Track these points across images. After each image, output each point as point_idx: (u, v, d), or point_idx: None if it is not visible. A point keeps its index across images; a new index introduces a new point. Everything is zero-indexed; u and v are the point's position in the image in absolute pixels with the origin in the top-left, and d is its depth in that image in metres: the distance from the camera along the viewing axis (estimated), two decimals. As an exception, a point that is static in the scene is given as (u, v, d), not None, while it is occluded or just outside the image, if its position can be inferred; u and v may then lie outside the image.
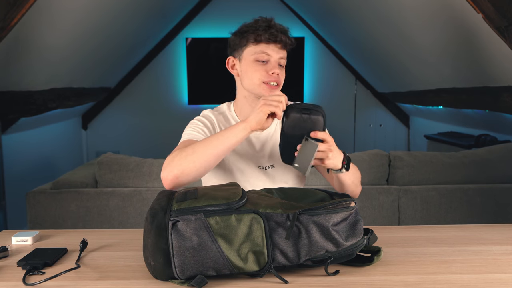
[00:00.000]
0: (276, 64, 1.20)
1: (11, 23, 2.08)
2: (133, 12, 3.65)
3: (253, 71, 1.20)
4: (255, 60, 1.20)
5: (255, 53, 1.20)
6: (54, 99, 3.41)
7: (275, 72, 1.19)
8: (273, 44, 1.19)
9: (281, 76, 1.22)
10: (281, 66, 1.22)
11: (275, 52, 1.19)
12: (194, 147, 1.06)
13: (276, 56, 1.20)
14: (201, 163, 1.04)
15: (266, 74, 1.19)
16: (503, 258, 0.99)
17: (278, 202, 0.90)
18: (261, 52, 1.19)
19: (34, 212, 2.30)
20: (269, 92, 1.19)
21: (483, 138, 3.20)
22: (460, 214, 2.30)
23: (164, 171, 1.04)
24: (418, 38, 3.04)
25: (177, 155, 1.05)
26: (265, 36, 1.18)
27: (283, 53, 1.21)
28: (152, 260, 0.85)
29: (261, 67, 1.20)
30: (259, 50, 1.19)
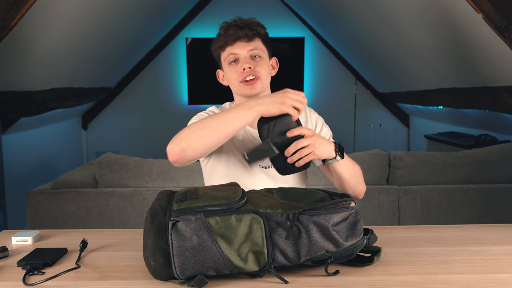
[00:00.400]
0: (245, 59, 1.20)
1: (11, 23, 2.08)
2: (133, 12, 3.65)
3: (230, 75, 1.23)
4: (228, 64, 1.22)
5: (226, 57, 1.22)
6: (54, 99, 3.41)
7: (246, 67, 1.19)
8: (236, 42, 1.20)
9: (257, 67, 1.21)
10: (256, 57, 1.21)
11: (241, 48, 1.20)
12: (204, 122, 1.04)
13: (244, 51, 1.20)
14: (211, 139, 1.04)
15: (239, 73, 1.20)
16: (503, 258, 0.99)
17: (278, 202, 0.90)
18: (229, 54, 1.21)
19: (34, 212, 2.30)
20: (250, 90, 1.20)
21: (483, 138, 3.20)
22: (460, 214, 2.30)
23: (170, 144, 1.03)
24: (418, 38, 3.04)
25: (186, 129, 1.05)
26: (225, 39, 1.20)
27: (253, 45, 1.21)
28: (152, 260, 0.85)
29: (234, 68, 1.22)
30: (227, 54, 1.22)
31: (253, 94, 1.21)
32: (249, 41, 1.20)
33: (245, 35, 1.19)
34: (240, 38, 1.19)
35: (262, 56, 1.23)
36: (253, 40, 1.21)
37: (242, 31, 1.19)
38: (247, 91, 1.21)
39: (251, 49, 1.20)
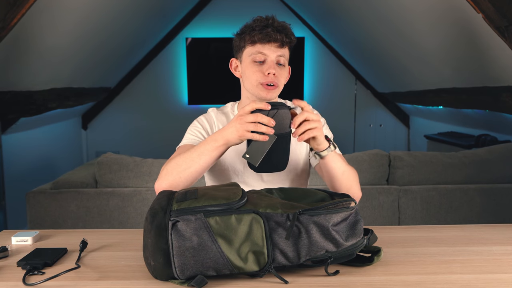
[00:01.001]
0: (272, 64, 1.18)
1: (11, 23, 2.08)
2: (133, 12, 3.65)
3: (251, 73, 1.20)
4: (253, 61, 1.20)
5: (252, 54, 1.19)
6: (54, 99, 3.41)
7: (271, 72, 1.17)
8: (269, 44, 1.18)
9: (280, 76, 1.20)
10: (280, 65, 1.20)
11: (272, 52, 1.18)
12: (179, 161, 1.08)
13: (273, 55, 1.18)
14: (190, 173, 1.07)
15: (263, 75, 1.18)
16: (503, 258, 0.99)
17: (278, 202, 0.90)
18: (257, 53, 1.19)
19: (34, 212, 2.30)
20: (266, 93, 1.19)
21: (483, 138, 3.20)
22: (460, 214, 2.30)
23: (156, 182, 1.09)
24: (418, 38, 3.04)
25: (165, 168, 1.09)
26: (260, 36, 1.17)
27: (282, 52, 1.19)
28: (152, 260, 0.85)
29: (258, 68, 1.19)
30: (255, 51, 1.19)
31: (268, 98, 1.21)
32: (281, 47, 1.19)
33: (280, 40, 1.17)
34: (275, 41, 1.17)
35: (285, 65, 1.22)
36: (284, 47, 1.20)
37: (279, 35, 1.17)
38: (264, 94, 1.19)
39: (279, 55, 1.19)
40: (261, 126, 0.96)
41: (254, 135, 0.97)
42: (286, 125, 1.00)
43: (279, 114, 0.99)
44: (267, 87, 1.19)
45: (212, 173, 1.29)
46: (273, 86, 1.19)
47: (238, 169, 1.26)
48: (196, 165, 1.06)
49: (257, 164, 0.98)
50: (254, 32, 1.18)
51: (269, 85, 1.19)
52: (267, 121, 0.96)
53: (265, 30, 1.17)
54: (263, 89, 1.19)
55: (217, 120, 1.30)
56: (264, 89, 1.19)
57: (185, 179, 1.08)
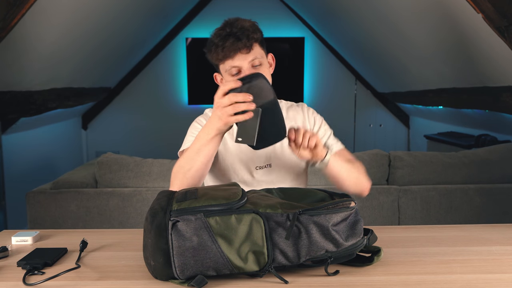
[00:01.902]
0: (248, 70, 1.16)
1: (11, 23, 2.08)
2: (133, 12, 3.65)
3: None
4: (230, 75, 1.19)
5: (226, 70, 1.19)
6: (54, 99, 3.41)
7: None
8: (236, 55, 1.15)
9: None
10: (257, 66, 1.18)
11: (242, 60, 1.16)
12: (181, 163, 1.10)
13: (245, 62, 1.16)
14: (191, 176, 1.10)
15: None
16: (503, 258, 0.99)
17: (278, 202, 0.90)
18: (230, 68, 1.17)
19: (34, 212, 2.30)
20: None
21: (483, 138, 3.20)
22: (460, 214, 2.30)
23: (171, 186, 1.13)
24: (418, 38, 3.04)
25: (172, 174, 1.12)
26: (224, 53, 1.15)
27: (252, 54, 1.16)
28: (152, 260, 0.85)
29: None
30: (228, 67, 1.17)
31: None
32: (248, 51, 1.16)
33: (244, 46, 1.15)
34: (240, 50, 1.15)
35: (262, 62, 1.20)
36: (252, 49, 1.17)
37: (241, 43, 1.14)
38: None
39: (251, 59, 1.17)
40: (239, 105, 0.93)
41: (238, 117, 0.94)
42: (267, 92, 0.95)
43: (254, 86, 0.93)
44: None
45: (213, 174, 1.29)
46: None
47: (238, 169, 1.26)
48: (198, 162, 1.08)
49: (254, 143, 0.93)
50: (218, 49, 1.16)
51: None
52: (242, 98, 0.93)
53: (226, 43, 1.14)
54: None
55: None
56: None
57: (192, 179, 1.10)
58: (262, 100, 0.94)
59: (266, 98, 0.94)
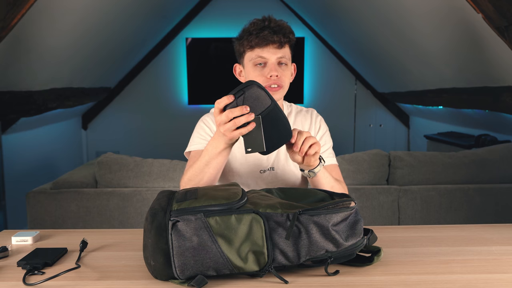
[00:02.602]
0: (274, 66, 1.19)
1: (11, 23, 2.08)
2: (133, 12, 3.65)
3: (254, 77, 1.21)
4: (254, 65, 1.20)
5: (252, 58, 1.20)
6: (54, 99, 3.41)
7: (273, 75, 1.18)
8: (267, 46, 1.18)
9: (283, 76, 1.21)
10: (282, 65, 1.21)
11: (271, 53, 1.18)
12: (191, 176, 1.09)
13: (273, 57, 1.19)
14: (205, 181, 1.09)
15: (265, 78, 1.19)
16: (503, 258, 0.99)
17: (278, 202, 0.90)
18: (257, 57, 1.19)
19: (34, 212, 2.30)
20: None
21: (483, 138, 3.20)
22: (460, 214, 2.30)
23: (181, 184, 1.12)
24: (418, 38, 3.04)
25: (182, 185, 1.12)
26: (257, 40, 1.17)
27: (282, 52, 1.20)
28: (152, 260, 0.85)
29: (260, 72, 1.20)
30: (255, 55, 1.20)
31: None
32: (280, 47, 1.18)
33: (278, 41, 1.17)
34: (273, 43, 1.17)
35: (288, 64, 1.22)
36: (284, 47, 1.19)
37: (277, 37, 1.17)
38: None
39: (280, 56, 1.19)
40: (238, 120, 0.92)
41: (241, 130, 0.94)
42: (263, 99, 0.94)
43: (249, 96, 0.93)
44: (270, 89, 1.19)
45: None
46: (277, 87, 1.20)
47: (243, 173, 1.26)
48: (208, 174, 1.08)
49: (264, 149, 0.94)
50: (251, 36, 1.18)
51: (273, 86, 1.19)
52: (239, 112, 0.92)
53: (262, 33, 1.17)
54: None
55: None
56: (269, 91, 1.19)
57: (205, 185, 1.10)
58: (260, 107, 0.94)
59: (263, 105, 0.94)
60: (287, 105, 1.37)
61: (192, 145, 1.27)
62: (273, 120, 0.96)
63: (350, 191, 2.26)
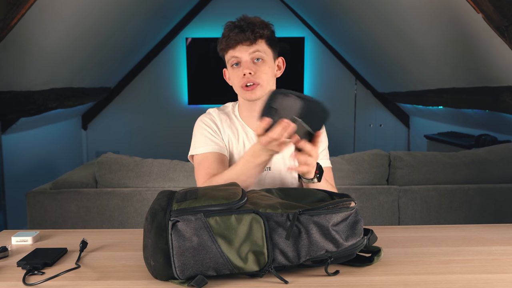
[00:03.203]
0: (247, 64, 1.18)
1: (11, 23, 2.08)
2: (133, 12, 3.65)
3: (232, 78, 1.22)
4: (231, 67, 1.21)
5: (228, 61, 1.21)
6: (54, 99, 3.41)
7: (246, 73, 1.17)
8: (238, 45, 1.18)
9: (259, 72, 1.18)
10: (259, 60, 1.19)
11: (243, 52, 1.18)
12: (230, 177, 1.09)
13: (245, 54, 1.18)
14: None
15: (240, 77, 1.19)
16: (503, 258, 0.99)
17: (278, 202, 0.90)
18: (231, 58, 1.20)
19: (34, 212, 2.30)
20: (249, 95, 1.19)
21: (483, 138, 3.20)
22: (460, 214, 2.30)
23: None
24: (418, 38, 3.04)
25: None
26: (227, 42, 1.18)
27: (255, 47, 1.18)
28: (152, 260, 0.85)
29: (236, 72, 1.20)
30: (229, 57, 1.20)
31: (253, 99, 1.20)
32: (251, 44, 1.18)
33: (246, 39, 1.17)
34: (242, 41, 1.17)
35: (264, 58, 1.20)
36: (255, 42, 1.18)
37: (244, 35, 1.16)
38: (247, 96, 1.20)
39: (252, 51, 1.18)
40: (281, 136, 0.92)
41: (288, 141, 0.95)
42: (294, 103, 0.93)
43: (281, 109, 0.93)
44: (246, 88, 1.19)
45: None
46: (253, 85, 1.18)
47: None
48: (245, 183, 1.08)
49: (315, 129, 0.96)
50: (224, 38, 1.19)
51: (249, 85, 1.18)
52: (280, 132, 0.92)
53: (231, 33, 1.17)
54: (244, 91, 1.20)
55: (218, 119, 1.29)
56: (245, 91, 1.20)
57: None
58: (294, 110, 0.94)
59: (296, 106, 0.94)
60: None
61: (197, 148, 1.25)
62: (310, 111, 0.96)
63: (350, 191, 2.26)
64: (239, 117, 1.31)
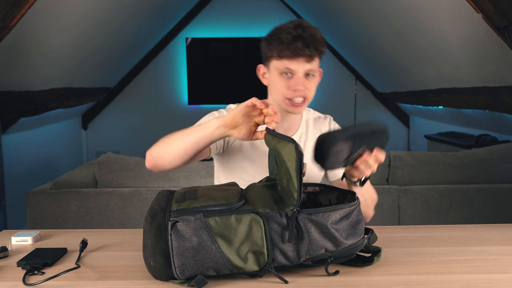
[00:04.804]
0: (300, 79, 1.13)
1: (11, 23, 2.08)
2: (133, 12, 3.65)
3: (278, 86, 1.16)
4: (279, 74, 1.15)
5: (278, 68, 1.15)
6: (54, 99, 3.41)
7: (298, 89, 1.14)
8: (298, 58, 1.12)
9: (310, 88, 1.16)
10: (310, 76, 1.16)
11: (300, 67, 1.13)
12: (172, 135, 1.07)
13: (301, 70, 1.13)
14: (173, 152, 1.06)
15: (289, 91, 1.14)
16: (503, 258, 0.99)
17: (273, 199, 0.89)
18: (285, 68, 1.14)
19: (34, 212, 2.30)
20: (294, 110, 1.17)
21: (483, 138, 3.20)
22: (460, 214, 2.30)
23: (148, 150, 1.09)
24: (418, 38, 3.03)
25: (161, 139, 1.09)
26: (287, 52, 1.11)
27: (311, 65, 1.14)
28: (152, 260, 0.85)
29: (285, 83, 1.15)
30: (282, 66, 1.14)
31: (297, 113, 1.20)
32: (310, 61, 1.13)
33: (308, 54, 1.11)
34: (303, 55, 1.11)
35: (315, 75, 1.17)
36: (313, 59, 1.14)
37: (308, 50, 1.10)
38: (291, 110, 1.18)
39: (308, 69, 1.14)
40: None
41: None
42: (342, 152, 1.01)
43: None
44: (294, 104, 1.16)
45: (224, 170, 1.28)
46: (303, 101, 1.16)
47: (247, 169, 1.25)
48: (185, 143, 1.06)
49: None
50: (282, 45, 1.12)
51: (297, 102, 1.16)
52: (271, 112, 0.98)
53: (293, 44, 1.10)
54: (290, 105, 1.16)
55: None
56: (291, 106, 1.16)
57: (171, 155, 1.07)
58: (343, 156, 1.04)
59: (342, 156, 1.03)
60: (306, 111, 1.33)
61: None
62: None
63: (350, 191, 2.25)
64: None
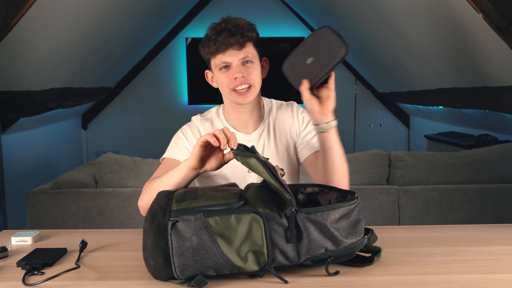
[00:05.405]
0: (238, 67, 1.17)
1: (11, 23, 2.08)
2: (133, 12, 3.65)
3: (221, 81, 1.20)
4: (219, 70, 1.19)
5: (216, 65, 1.19)
6: (54, 99, 3.41)
7: (238, 76, 1.17)
8: (228, 50, 1.16)
9: (250, 74, 1.18)
10: (248, 63, 1.18)
11: (233, 56, 1.16)
12: (153, 184, 1.08)
13: (236, 59, 1.17)
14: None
15: (231, 81, 1.18)
16: (503, 258, 0.99)
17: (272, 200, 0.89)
18: (221, 63, 1.18)
19: (34, 212, 2.30)
20: (242, 99, 1.19)
21: (483, 138, 3.20)
22: (460, 214, 2.30)
23: (139, 200, 1.12)
24: (418, 38, 3.04)
25: (145, 187, 1.11)
26: (216, 46, 1.15)
27: (244, 52, 1.17)
28: (152, 260, 0.85)
29: (226, 74, 1.19)
30: (218, 61, 1.18)
31: (245, 103, 1.20)
32: (241, 48, 1.16)
33: (236, 42, 1.15)
34: (232, 45, 1.15)
35: (253, 61, 1.19)
36: (244, 46, 1.17)
37: (234, 38, 1.14)
38: (239, 100, 1.19)
39: (242, 57, 1.17)
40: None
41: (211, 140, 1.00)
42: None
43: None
44: (238, 93, 1.18)
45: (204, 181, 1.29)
46: (248, 88, 1.18)
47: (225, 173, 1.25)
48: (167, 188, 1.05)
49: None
50: (211, 42, 1.16)
51: (241, 90, 1.18)
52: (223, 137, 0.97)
53: (219, 37, 1.14)
54: (236, 95, 1.19)
55: (202, 128, 1.30)
56: (238, 96, 1.19)
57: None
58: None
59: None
60: (267, 102, 1.34)
61: (166, 152, 1.28)
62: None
63: (350, 191, 2.25)
64: (224, 120, 1.30)
